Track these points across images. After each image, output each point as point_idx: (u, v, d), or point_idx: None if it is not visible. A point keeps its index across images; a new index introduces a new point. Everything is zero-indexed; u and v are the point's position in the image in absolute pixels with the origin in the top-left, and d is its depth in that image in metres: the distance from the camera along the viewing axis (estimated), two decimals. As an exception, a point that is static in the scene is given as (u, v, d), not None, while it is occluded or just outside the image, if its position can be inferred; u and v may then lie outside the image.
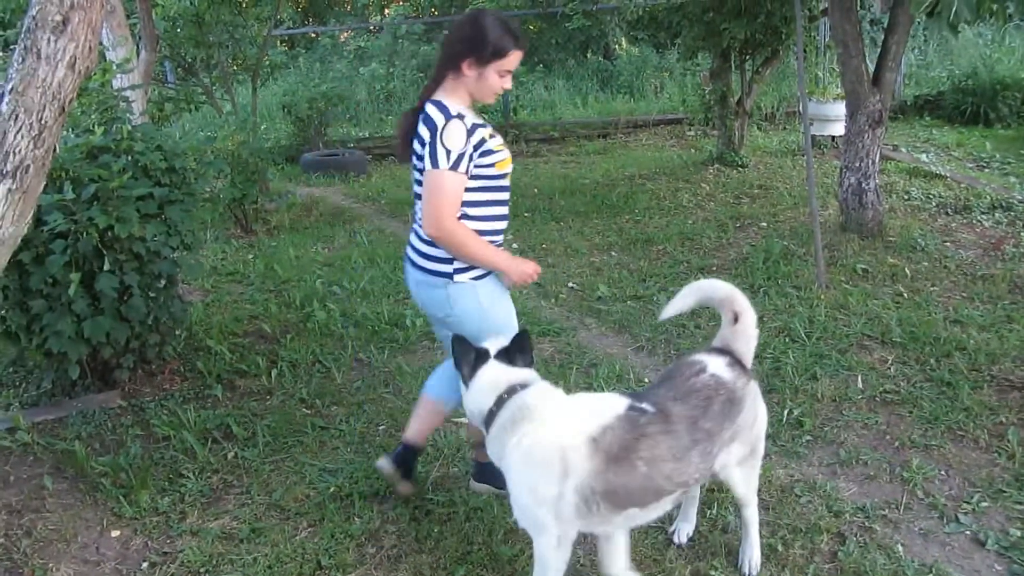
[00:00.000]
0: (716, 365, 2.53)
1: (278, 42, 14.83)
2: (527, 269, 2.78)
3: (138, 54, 6.61)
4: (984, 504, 3.02)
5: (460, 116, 2.61)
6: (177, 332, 4.52)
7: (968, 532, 2.88)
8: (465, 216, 2.69)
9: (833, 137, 9.06)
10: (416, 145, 2.71)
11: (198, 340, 4.72)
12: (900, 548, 2.79)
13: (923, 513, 2.99)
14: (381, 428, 3.75)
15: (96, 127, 4.00)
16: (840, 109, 7.67)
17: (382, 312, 5.03)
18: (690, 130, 10.87)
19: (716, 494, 3.07)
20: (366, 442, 3.62)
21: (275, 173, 8.97)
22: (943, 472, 3.23)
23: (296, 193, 8.39)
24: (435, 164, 2.58)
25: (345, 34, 16.05)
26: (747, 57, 8.64)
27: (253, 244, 6.80)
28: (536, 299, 5.25)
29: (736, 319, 2.60)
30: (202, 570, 2.84)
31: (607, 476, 2.26)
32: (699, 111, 9.67)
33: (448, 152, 2.57)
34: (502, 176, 2.75)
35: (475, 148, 2.62)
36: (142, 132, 4.17)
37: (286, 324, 4.99)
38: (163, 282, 4.17)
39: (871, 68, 5.92)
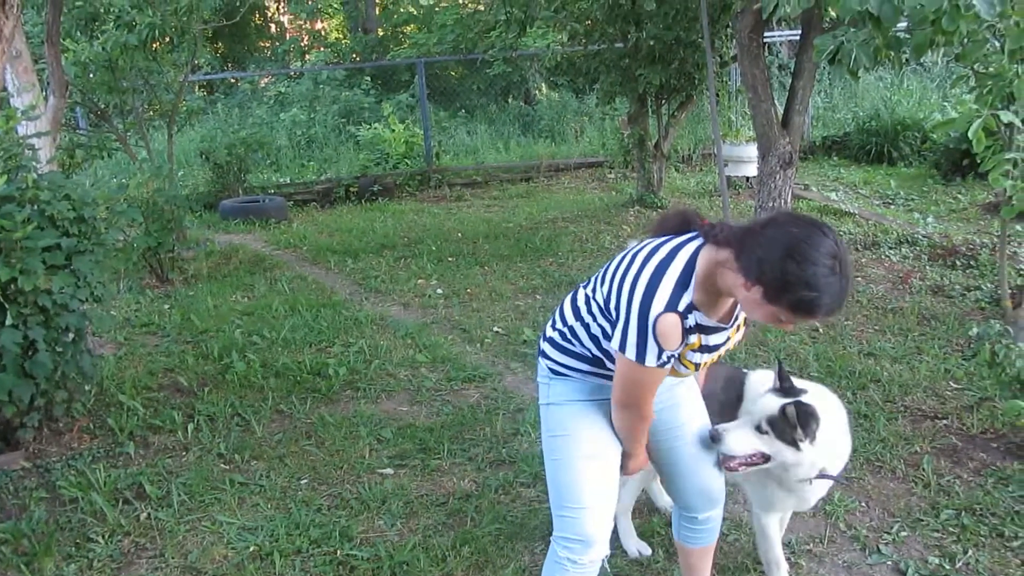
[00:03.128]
0: None
1: (196, 87, 14.62)
2: (644, 461, 2.39)
3: (46, 100, 6.41)
4: (904, 534, 3.08)
5: (685, 312, 1.99)
6: (86, 388, 4.33)
7: (889, 562, 2.93)
8: (597, 361, 2.22)
9: (748, 178, 9.35)
10: (611, 269, 2.14)
11: (109, 395, 4.52)
12: (825, 582, 2.82)
13: (846, 546, 3.04)
14: (303, 482, 3.63)
15: (-2, 176, 3.84)
16: (753, 151, 7.93)
17: (304, 361, 4.92)
18: (610, 173, 11.07)
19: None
20: (288, 497, 3.50)
21: (193, 220, 8.76)
22: (864, 504, 3.29)
23: (215, 241, 8.21)
24: (640, 358, 2.01)
25: (265, 79, 15.93)
26: (663, 102, 8.88)
27: (169, 294, 6.60)
28: (461, 344, 5.22)
29: None
30: (111, 641, 2.69)
31: None
32: (618, 154, 9.86)
33: (660, 352, 2.00)
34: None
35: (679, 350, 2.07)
36: (49, 180, 4.01)
37: (203, 376, 4.83)
38: (71, 336, 3.99)
39: (780, 111, 6.14)
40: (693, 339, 2.05)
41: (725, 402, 2.67)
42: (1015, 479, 3.37)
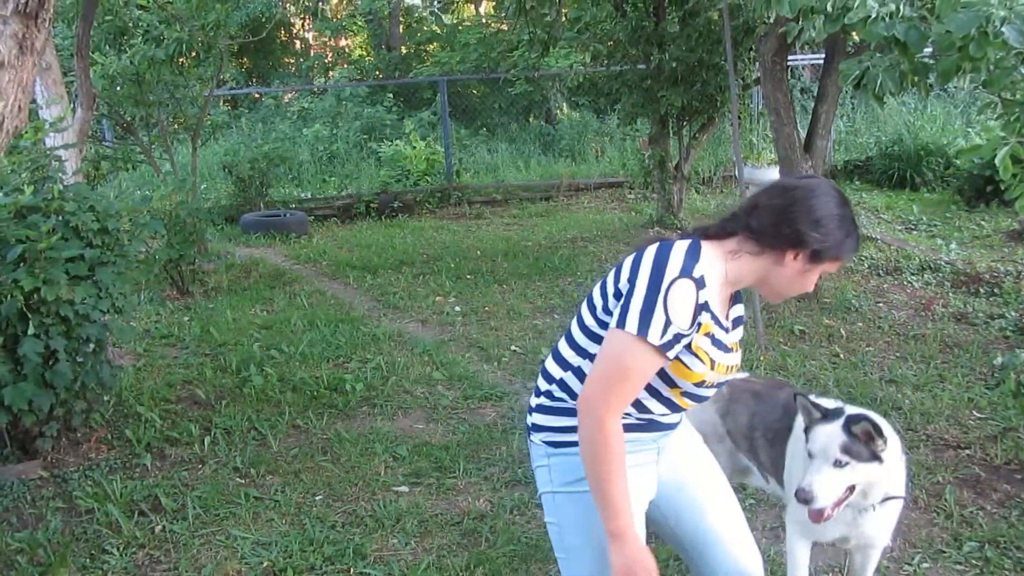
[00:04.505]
0: None
1: (221, 101, 14.76)
2: (643, 566, 1.80)
3: (74, 112, 6.49)
4: (925, 565, 3.03)
5: (700, 282, 1.81)
6: (105, 398, 4.36)
7: (910, 595, 2.88)
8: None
9: (769, 201, 9.29)
10: (609, 279, 1.93)
11: (128, 406, 4.55)
12: (844, 613, 2.77)
13: (866, 576, 2.98)
14: (318, 498, 3.62)
15: (26, 186, 3.89)
16: (774, 174, 7.88)
17: (321, 376, 4.92)
18: (630, 193, 11.06)
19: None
20: (302, 513, 3.49)
21: (214, 233, 8.83)
22: (884, 534, 3.24)
23: (235, 254, 8.25)
24: (642, 330, 1.76)
25: (289, 95, 16.07)
26: (684, 123, 8.88)
27: (189, 306, 6.64)
28: (479, 363, 5.20)
29: None
30: (123, 654, 2.69)
31: None
32: (639, 175, 9.86)
33: (667, 325, 1.76)
34: (676, 385, 1.89)
35: (689, 333, 1.82)
36: (74, 192, 4.07)
37: (221, 389, 4.84)
38: (92, 346, 4.03)
39: (803, 135, 6.12)
40: (704, 319, 1.83)
41: (779, 430, 2.59)
42: (1040, 512, 3.31)
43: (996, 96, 3.82)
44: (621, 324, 1.79)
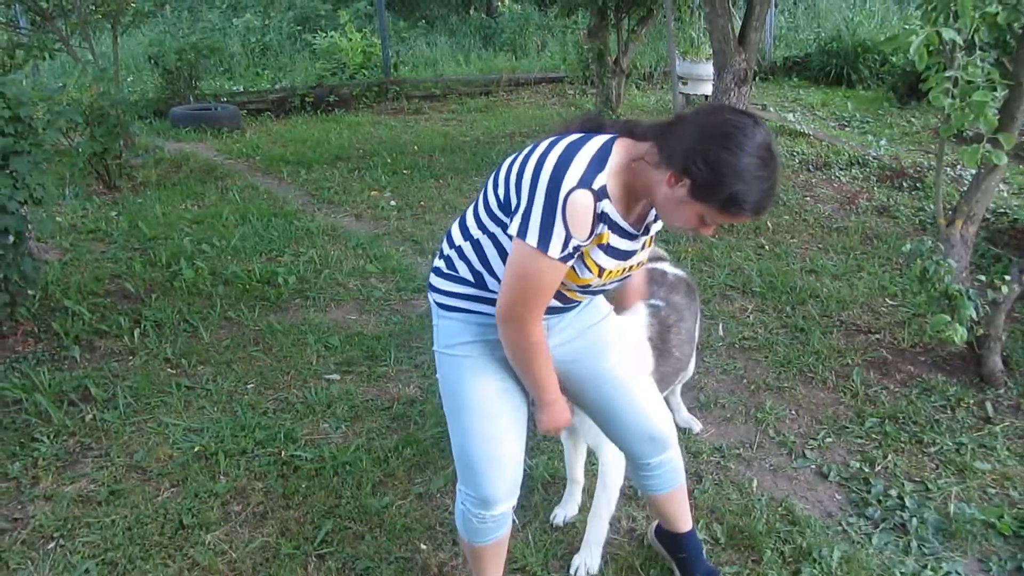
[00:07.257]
0: (669, 267, 2.96)
1: (144, -11, 14.01)
2: (564, 419, 2.05)
3: (-19, -4, 6.13)
4: (828, 440, 3.23)
5: (601, 193, 1.76)
6: (30, 292, 4.28)
7: (813, 466, 3.07)
8: (480, 280, 1.96)
9: (707, 96, 9.30)
10: (519, 160, 1.85)
11: (54, 300, 4.48)
12: (752, 484, 2.95)
13: (774, 450, 3.17)
14: (250, 386, 3.67)
15: (-72, 72, 3.71)
16: (711, 68, 7.88)
17: (253, 270, 4.89)
18: (570, 88, 10.96)
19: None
20: (234, 401, 3.54)
21: (142, 127, 8.50)
22: (793, 412, 3.43)
23: (164, 148, 8.02)
24: (543, 244, 1.74)
25: (218, -17, 15.31)
26: (623, 16, 8.75)
27: (117, 201, 6.46)
28: (412, 255, 5.23)
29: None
30: (56, 534, 2.73)
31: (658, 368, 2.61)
32: (578, 69, 9.75)
33: (567, 239, 1.74)
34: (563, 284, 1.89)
35: (586, 243, 1.81)
36: (-18, 79, 3.89)
37: (151, 283, 4.79)
38: (11, 238, 3.93)
39: (738, 27, 6.10)
40: (601, 230, 1.80)
41: None
42: (938, 390, 3.52)
43: (920, -13, 3.84)
44: (523, 235, 1.76)
